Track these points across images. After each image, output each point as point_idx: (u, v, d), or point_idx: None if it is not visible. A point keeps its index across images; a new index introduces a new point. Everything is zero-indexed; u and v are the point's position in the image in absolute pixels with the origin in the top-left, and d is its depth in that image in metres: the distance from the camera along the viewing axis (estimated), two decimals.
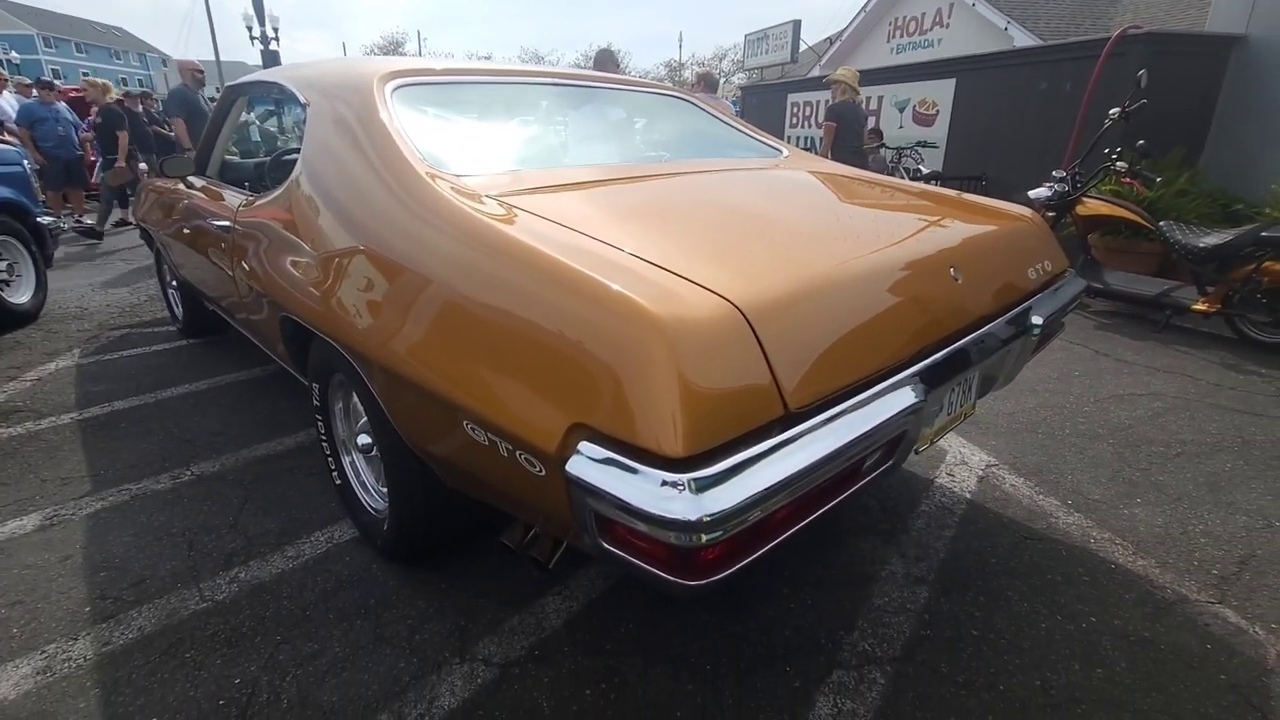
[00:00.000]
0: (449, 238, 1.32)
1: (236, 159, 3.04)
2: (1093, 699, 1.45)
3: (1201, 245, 3.81)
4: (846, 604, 1.74)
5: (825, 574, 1.85)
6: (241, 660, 1.56)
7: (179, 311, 3.89)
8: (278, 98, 2.35)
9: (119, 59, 56.85)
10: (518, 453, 1.09)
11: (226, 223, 2.30)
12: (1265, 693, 1.47)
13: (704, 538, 0.90)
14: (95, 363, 3.53)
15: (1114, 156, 4.19)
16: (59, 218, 7.40)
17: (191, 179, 2.87)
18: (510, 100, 2.15)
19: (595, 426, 0.97)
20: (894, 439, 1.22)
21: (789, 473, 0.96)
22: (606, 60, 4.86)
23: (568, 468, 0.97)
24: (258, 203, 2.13)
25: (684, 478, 0.89)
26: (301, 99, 2.04)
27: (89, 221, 8.09)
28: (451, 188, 1.47)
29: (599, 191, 1.62)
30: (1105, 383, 3.23)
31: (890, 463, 1.28)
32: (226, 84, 2.96)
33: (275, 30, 19.31)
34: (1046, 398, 3.04)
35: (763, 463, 0.96)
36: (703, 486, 0.90)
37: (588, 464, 0.95)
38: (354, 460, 1.99)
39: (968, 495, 2.25)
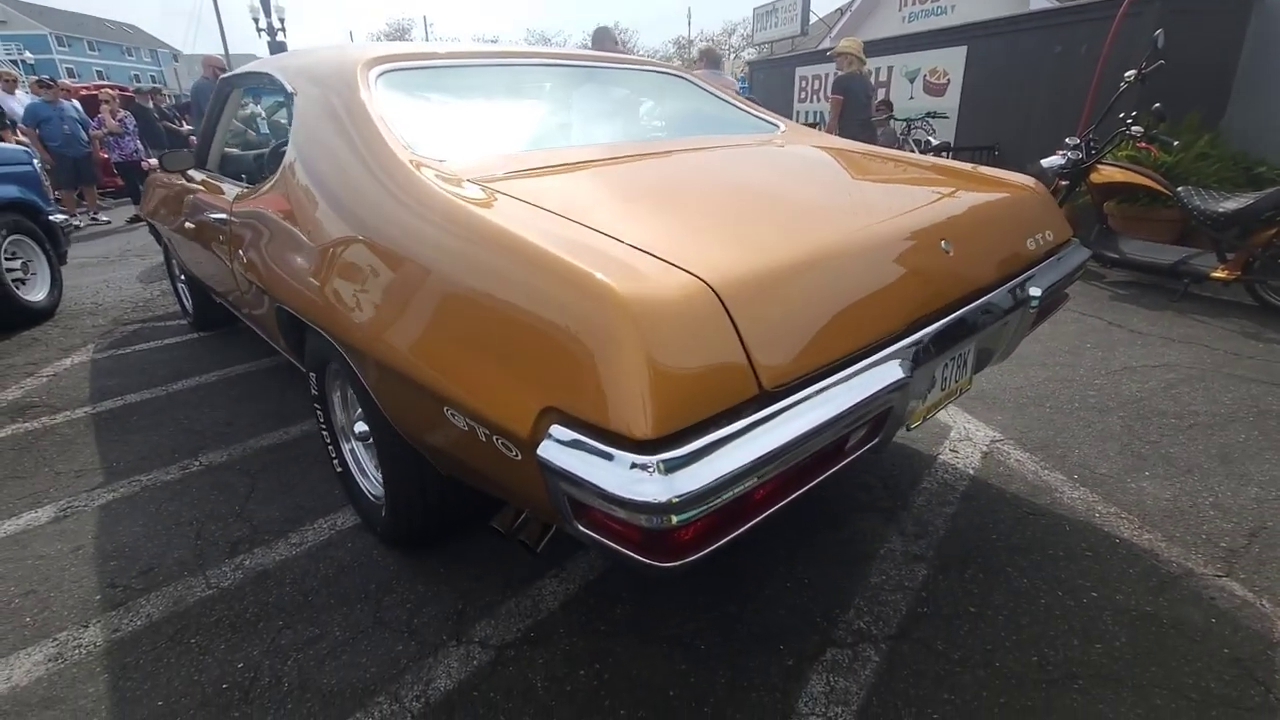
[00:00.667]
0: (428, 223, 1.31)
1: (234, 151, 3.04)
2: (1090, 674, 1.43)
3: (1221, 210, 3.70)
4: (843, 582, 1.73)
5: (823, 553, 1.84)
6: (244, 645, 1.60)
7: (189, 305, 3.94)
8: (269, 88, 2.35)
9: (131, 56, 57.30)
10: (494, 438, 1.09)
11: (224, 215, 2.32)
12: (1270, 666, 1.45)
13: (675, 519, 0.89)
14: (109, 357, 3.60)
15: (1129, 121, 4.07)
16: (73, 215, 7.52)
17: (192, 173, 2.89)
18: (498, 83, 2.12)
19: (566, 410, 0.96)
20: (879, 416, 1.21)
21: (762, 452, 0.95)
22: (605, 39, 4.79)
23: (539, 452, 0.97)
24: (251, 195, 2.14)
25: (653, 459, 0.88)
26: (289, 88, 2.04)
27: (104, 219, 8.22)
28: (434, 173, 1.46)
29: (582, 173, 1.60)
30: (1118, 354, 3.16)
31: (876, 440, 1.26)
32: (221, 76, 2.97)
33: (281, 21, 19.32)
34: (1056, 371, 2.98)
35: (735, 443, 0.95)
36: (672, 468, 0.89)
37: (558, 448, 0.95)
38: (353, 448, 2.01)
39: (971, 471, 2.22)
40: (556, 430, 0.96)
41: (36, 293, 4.29)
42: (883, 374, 1.18)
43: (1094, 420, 2.52)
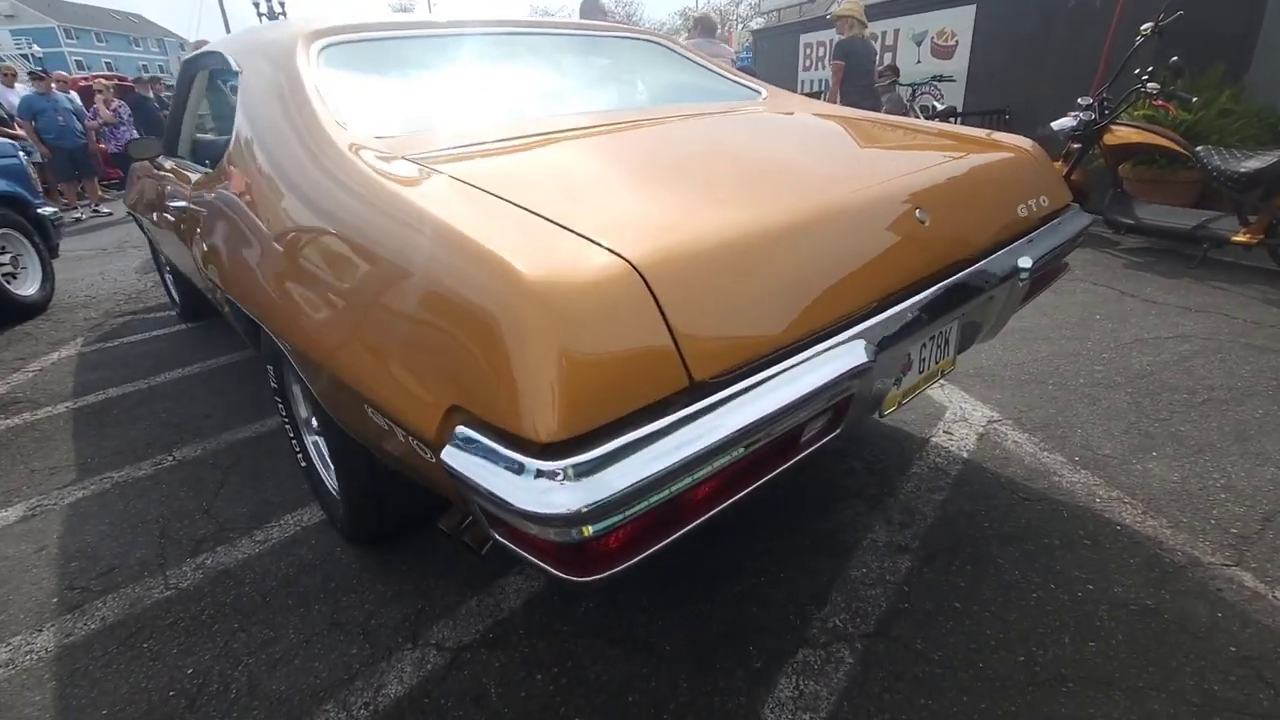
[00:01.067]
0: (351, 203, 1.21)
1: (202, 137, 2.95)
2: (1081, 676, 1.33)
3: (1244, 170, 3.48)
4: (822, 577, 1.64)
5: (802, 544, 1.75)
6: (197, 649, 1.54)
7: (175, 296, 3.89)
8: (221, 68, 2.24)
9: (138, 46, 57.23)
10: (409, 438, 1.00)
11: (184, 203, 2.24)
12: None
13: (590, 529, 0.80)
14: (96, 351, 3.57)
15: (1144, 77, 3.84)
16: (75, 207, 7.52)
17: (161, 160, 2.81)
18: (453, 55, 2.00)
19: (470, 409, 0.87)
20: (838, 405, 1.10)
21: (691, 452, 0.85)
22: (592, 9, 4.61)
23: (443, 456, 0.87)
24: (205, 180, 2.05)
25: (560, 465, 0.79)
26: (235, 66, 1.94)
27: (106, 211, 8.23)
28: (369, 151, 1.35)
29: (528, 148, 1.49)
30: (1129, 326, 2.99)
31: (838, 430, 1.16)
32: (182, 60, 2.87)
33: (282, 5, 19.19)
34: (1061, 345, 2.83)
35: (661, 442, 0.85)
36: (583, 472, 0.79)
37: (461, 453, 0.86)
38: (315, 441, 1.94)
39: (965, 454, 2.10)
40: (460, 432, 0.87)
41: (27, 287, 4.27)
42: (842, 358, 1.07)
43: (1100, 397, 2.39)
